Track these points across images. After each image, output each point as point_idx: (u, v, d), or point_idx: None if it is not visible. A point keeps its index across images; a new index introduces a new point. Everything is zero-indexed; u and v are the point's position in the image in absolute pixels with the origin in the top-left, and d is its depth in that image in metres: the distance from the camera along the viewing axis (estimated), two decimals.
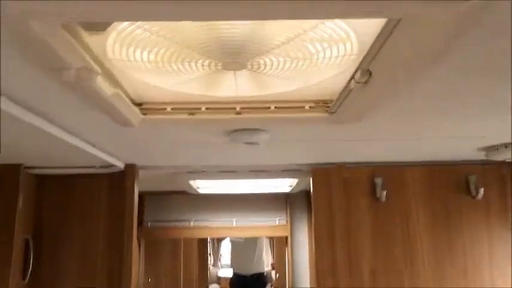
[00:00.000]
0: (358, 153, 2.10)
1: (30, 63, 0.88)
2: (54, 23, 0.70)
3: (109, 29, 0.89)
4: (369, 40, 0.92)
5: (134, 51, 0.99)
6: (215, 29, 0.92)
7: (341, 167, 2.25)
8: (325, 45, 1.01)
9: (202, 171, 2.47)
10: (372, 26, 0.88)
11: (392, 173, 2.26)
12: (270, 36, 0.96)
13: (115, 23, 0.87)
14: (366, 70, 1.00)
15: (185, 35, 0.94)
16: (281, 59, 1.06)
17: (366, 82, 1.06)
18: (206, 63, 1.05)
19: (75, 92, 1.04)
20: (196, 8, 0.67)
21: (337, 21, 0.89)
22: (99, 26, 0.86)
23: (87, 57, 0.90)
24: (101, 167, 2.12)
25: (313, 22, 0.90)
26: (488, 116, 1.44)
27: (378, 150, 2.01)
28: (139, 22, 0.88)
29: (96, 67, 0.94)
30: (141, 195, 3.13)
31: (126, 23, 0.87)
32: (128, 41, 0.95)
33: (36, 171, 2.11)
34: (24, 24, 0.68)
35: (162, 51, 1.00)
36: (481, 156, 2.07)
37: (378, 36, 0.86)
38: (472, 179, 2.25)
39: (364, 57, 0.94)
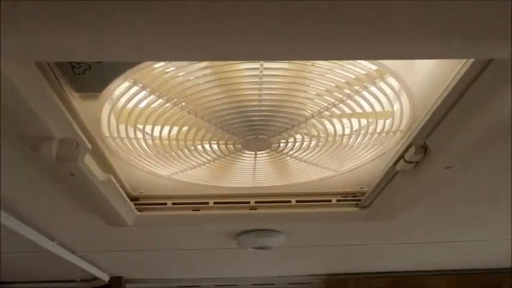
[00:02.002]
0: (379, 261, 1.83)
1: None
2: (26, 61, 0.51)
3: (105, 93, 0.71)
4: (424, 107, 0.75)
5: (135, 124, 0.79)
6: (240, 95, 0.74)
7: (359, 278, 1.97)
8: (369, 120, 0.83)
9: (197, 286, 2.17)
10: (433, 84, 0.71)
11: (416, 283, 1.98)
12: (301, 107, 0.78)
13: (113, 86, 0.69)
14: (420, 146, 0.81)
15: (201, 103, 0.75)
16: (312, 140, 0.87)
17: (417, 164, 0.86)
18: (223, 141, 0.85)
19: (53, 176, 0.81)
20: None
21: (390, 80, 0.73)
22: (94, 86, 0.67)
23: (76, 127, 0.70)
24: (82, 280, 1.81)
25: (355, 84, 0.73)
26: None
27: (402, 256, 1.75)
28: (143, 83, 0.70)
29: (86, 142, 0.74)
30: None
31: (125, 85, 0.69)
32: (126, 111, 0.76)
33: None
34: None
35: (171, 123, 0.81)
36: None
37: (446, 97, 0.68)
38: None
39: (423, 128, 0.75)
